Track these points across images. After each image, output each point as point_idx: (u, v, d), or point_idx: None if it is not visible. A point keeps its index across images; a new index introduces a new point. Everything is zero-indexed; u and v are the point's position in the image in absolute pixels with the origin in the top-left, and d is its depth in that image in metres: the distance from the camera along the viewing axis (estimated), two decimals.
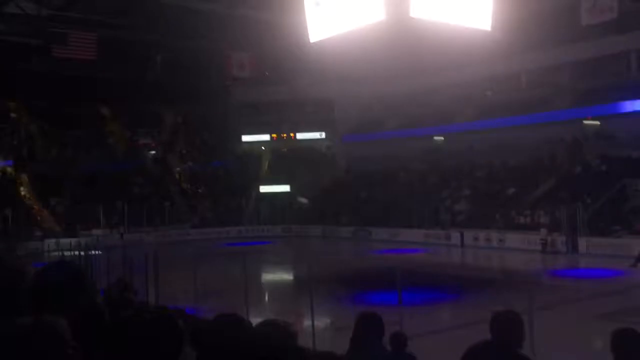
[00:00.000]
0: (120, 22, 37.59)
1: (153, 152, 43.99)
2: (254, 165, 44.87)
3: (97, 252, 18.97)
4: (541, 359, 7.68)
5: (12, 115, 40.44)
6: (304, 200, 41.17)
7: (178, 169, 43.18)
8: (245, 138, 46.12)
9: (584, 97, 32.52)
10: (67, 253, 21.71)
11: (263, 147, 46.47)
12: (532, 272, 21.50)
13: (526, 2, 30.46)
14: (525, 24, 31.65)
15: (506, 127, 34.54)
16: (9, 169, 35.88)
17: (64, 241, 28.55)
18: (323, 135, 45.34)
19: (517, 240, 27.76)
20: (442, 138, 39.36)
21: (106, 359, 1.64)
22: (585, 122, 32.33)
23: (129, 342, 1.59)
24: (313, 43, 39.16)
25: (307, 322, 10.71)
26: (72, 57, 36.39)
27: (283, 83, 43.76)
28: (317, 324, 10.38)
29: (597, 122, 32.15)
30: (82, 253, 18.83)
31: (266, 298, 19.17)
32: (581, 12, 30.01)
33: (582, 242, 25.67)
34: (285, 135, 45.68)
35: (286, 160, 44.33)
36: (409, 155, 38.73)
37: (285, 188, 41.88)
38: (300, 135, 45.48)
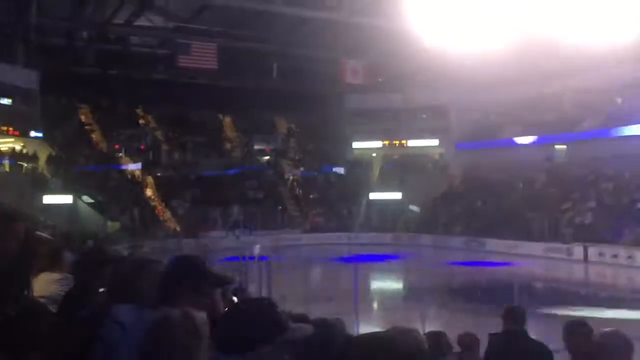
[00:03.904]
0: (239, 32, 39.10)
1: (267, 157, 45.20)
2: (365, 172, 44.79)
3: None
4: None
5: (141, 121, 43.19)
6: (415, 208, 40.47)
7: (290, 174, 44.02)
8: (357, 145, 46.14)
9: None
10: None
11: (374, 154, 46.28)
12: None
13: None
14: None
15: (637, 136, 32.20)
16: (137, 172, 38.30)
17: (186, 241, 29.91)
18: (436, 142, 44.36)
19: None
20: (564, 147, 37.20)
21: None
22: None
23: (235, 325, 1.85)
24: (428, 49, 38.50)
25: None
26: (194, 67, 38.32)
27: (397, 90, 43.39)
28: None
29: None
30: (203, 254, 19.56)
31: (375, 306, 18.94)
32: None
33: None
34: (397, 142, 45.21)
35: (398, 168, 43.85)
36: (528, 164, 36.93)
37: (397, 195, 41.39)
38: (412, 142, 44.77)
